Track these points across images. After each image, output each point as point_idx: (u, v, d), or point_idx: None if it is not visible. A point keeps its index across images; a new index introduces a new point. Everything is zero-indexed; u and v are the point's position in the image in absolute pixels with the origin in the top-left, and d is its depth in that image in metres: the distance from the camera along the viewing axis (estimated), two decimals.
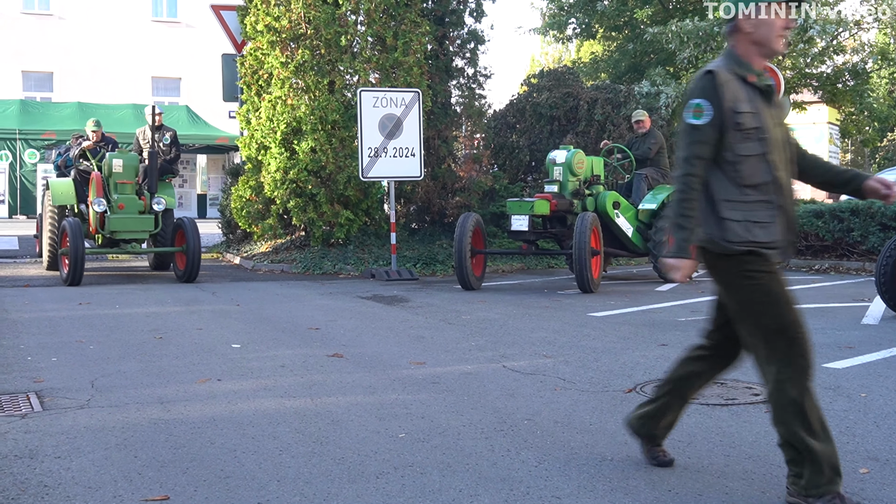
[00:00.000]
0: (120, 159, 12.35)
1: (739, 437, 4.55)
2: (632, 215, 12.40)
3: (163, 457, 4.19)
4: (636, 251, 12.72)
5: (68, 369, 6.16)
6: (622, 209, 12.27)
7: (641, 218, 12.44)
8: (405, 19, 14.21)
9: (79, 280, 11.30)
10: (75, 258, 11.17)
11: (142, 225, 12.22)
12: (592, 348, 7.14)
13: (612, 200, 12.14)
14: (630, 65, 23.17)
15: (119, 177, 12.28)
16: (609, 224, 12.18)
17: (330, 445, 4.39)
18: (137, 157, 12.67)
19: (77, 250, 11.16)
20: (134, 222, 12.15)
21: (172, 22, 34.88)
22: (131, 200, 12.21)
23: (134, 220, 12.14)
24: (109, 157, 12.38)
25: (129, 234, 12.18)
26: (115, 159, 12.32)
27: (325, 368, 6.28)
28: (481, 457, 4.23)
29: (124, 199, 12.17)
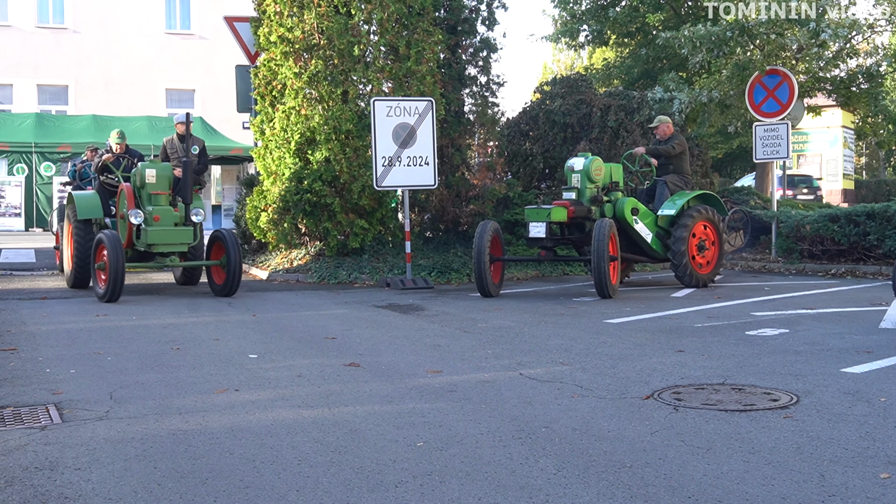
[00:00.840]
0: (153, 169, 11.77)
1: (759, 442, 4.53)
2: (651, 221, 12.41)
3: (182, 468, 4.20)
4: (656, 257, 12.73)
5: (87, 381, 6.19)
6: (641, 215, 12.28)
7: (661, 224, 12.46)
8: (418, 28, 14.24)
9: (118, 296, 10.76)
10: (115, 273, 10.59)
11: (180, 237, 11.65)
12: (609, 355, 7.12)
13: (631, 206, 12.16)
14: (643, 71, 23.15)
15: (153, 187, 11.72)
16: (628, 230, 12.22)
17: (348, 455, 4.39)
18: (171, 167, 12.11)
19: (118, 265, 10.59)
20: (172, 234, 11.59)
21: (186, 34, 35.05)
22: (166, 212, 11.65)
23: (172, 232, 11.58)
24: (142, 168, 11.80)
25: (168, 246, 11.60)
26: (147, 169, 11.73)
27: (342, 378, 6.29)
28: (500, 465, 4.22)
29: (159, 210, 11.60)
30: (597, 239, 10.90)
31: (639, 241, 12.41)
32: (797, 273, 14.63)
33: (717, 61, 17.37)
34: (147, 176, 11.69)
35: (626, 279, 13.69)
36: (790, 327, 8.43)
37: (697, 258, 12.45)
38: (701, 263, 12.52)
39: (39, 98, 33.44)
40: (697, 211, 12.41)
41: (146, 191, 11.71)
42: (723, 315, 9.43)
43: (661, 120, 13.34)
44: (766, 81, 16.14)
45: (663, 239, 12.46)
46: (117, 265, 10.60)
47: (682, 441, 4.57)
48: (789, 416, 5.05)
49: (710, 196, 13.10)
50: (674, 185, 12.76)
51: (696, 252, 12.43)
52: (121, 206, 11.99)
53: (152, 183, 11.71)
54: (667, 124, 13.25)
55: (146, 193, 11.72)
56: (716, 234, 12.67)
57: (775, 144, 16.18)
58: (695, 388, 5.81)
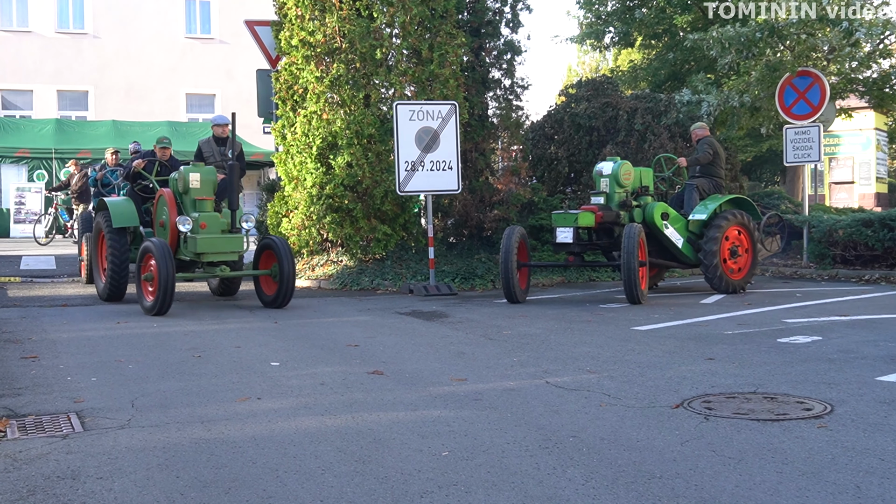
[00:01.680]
0: (197, 173, 11.16)
1: (792, 453, 4.49)
2: (682, 226, 12.39)
3: (205, 477, 4.21)
4: (687, 262, 12.70)
5: (108, 389, 6.22)
6: (671, 220, 12.26)
7: (692, 228, 12.42)
8: (441, 31, 14.26)
9: (167, 308, 10.19)
10: (166, 284, 9.99)
11: (230, 245, 11.01)
12: (637, 363, 7.09)
13: (661, 211, 12.15)
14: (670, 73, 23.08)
15: (197, 192, 11.12)
16: (658, 235, 12.22)
17: (372, 464, 4.39)
18: (215, 171, 11.50)
19: (168, 275, 9.98)
20: (222, 242, 10.93)
21: (206, 38, 35.25)
22: (213, 218, 11.03)
23: (221, 240, 10.93)
24: (185, 171, 11.18)
25: (218, 255, 10.94)
26: (191, 174, 11.12)
27: (366, 386, 6.29)
28: (527, 475, 4.21)
29: (206, 217, 10.98)
30: (626, 244, 10.93)
31: (669, 247, 12.38)
32: (829, 279, 14.53)
33: (746, 63, 17.29)
34: (191, 180, 11.10)
35: (657, 286, 13.65)
36: (823, 334, 8.37)
37: (730, 263, 12.39)
38: (733, 269, 12.44)
39: (59, 104, 33.72)
40: (731, 215, 12.35)
41: (189, 196, 11.16)
42: (754, 322, 9.38)
43: (695, 126, 13.42)
44: (796, 83, 16.04)
45: (694, 244, 12.41)
46: (167, 276, 9.99)
47: (713, 451, 4.54)
48: (823, 425, 5.01)
49: (742, 200, 13.04)
50: (704, 188, 12.72)
51: (728, 257, 12.36)
52: (159, 212, 11.50)
53: (196, 188, 11.14)
54: (698, 129, 13.27)
55: (189, 199, 11.17)
56: (749, 239, 12.59)
57: (806, 148, 16.07)
58: (726, 397, 5.78)
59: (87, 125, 30.75)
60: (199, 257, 10.89)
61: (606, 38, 24.01)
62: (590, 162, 16.94)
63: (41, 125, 29.76)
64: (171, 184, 11.47)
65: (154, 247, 10.21)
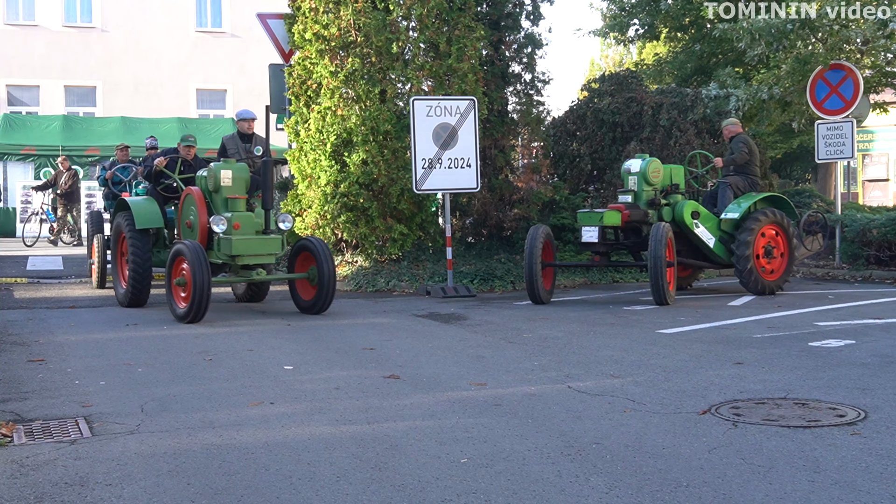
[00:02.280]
0: (229, 170, 10.74)
1: (824, 461, 4.48)
2: (713, 225, 12.38)
3: (216, 484, 4.23)
4: (720, 262, 12.67)
5: (117, 393, 6.26)
6: (702, 219, 12.24)
7: (724, 228, 12.40)
8: (459, 24, 14.27)
9: (202, 315, 9.82)
10: (201, 290, 9.58)
11: (268, 247, 10.56)
12: (663, 367, 7.07)
13: (691, 210, 12.14)
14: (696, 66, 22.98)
15: (229, 191, 10.70)
16: (688, 235, 12.22)
17: (389, 472, 4.40)
18: (248, 168, 11.08)
19: (203, 280, 9.57)
20: (259, 244, 10.50)
21: (217, 32, 35.37)
22: (247, 218, 10.58)
23: (258, 241, 10.50)
24: (215, 169, 10.77)
25: (255, 258, 10.52)
26: (222, 171, 10.71)
27: (382, 391, 6.31)
28: (548, 483, 4.21)
29: (240, 217, 10.53)
30: (653, 243, 10.97)
31: (700, 247, 12.38)
32: (863, 280, 14.45)
33: (776, 55, 17.20)
34: (222, 178, 10.70)
35: (690, 286, 13.66)
36: (856, 338, 8.33)
37: (764, 263, 12.34)
38: (768, 269, 12.39)
39: (67, 99, 33.90)
40: (764, 214, 12.30)
41: (221, 195, 10.74)
42: (784, 325, 9.34)
43: (727, 122, 13.39)
44: (828, 77, 15.95)
45: (727, 243, 12.38)
46: (203, 281, 9.57)
47: (742, 459, 4.53)
48: (857, 432, 4.99)
49: (779, 199, 12.97)
50: (738, 186, 12.69)
51: (762, 257, 12.32)
52: (185, 213, 11.07)
53: (228, 186, 10.72)
54: (730, 125, 13.24)
55: (221, 198, 10.75)
56: (785, 238, 12.52)
57: (839, 144, 15.99)
58: (755, 403, 5.76)
59: (94, 122, 30.88)
60: (233, 260, 10.46)
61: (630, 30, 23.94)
62: (613, 159, 16.92)
63: (48, 122, 29.91)
64: (200, 182, 11.16)
65: (187, 249, 9.79)
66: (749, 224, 12.17)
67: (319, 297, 10.58)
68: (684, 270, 13.45)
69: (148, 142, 15.86)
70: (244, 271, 10.68)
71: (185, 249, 9.80)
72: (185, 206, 11.10)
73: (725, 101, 16.71)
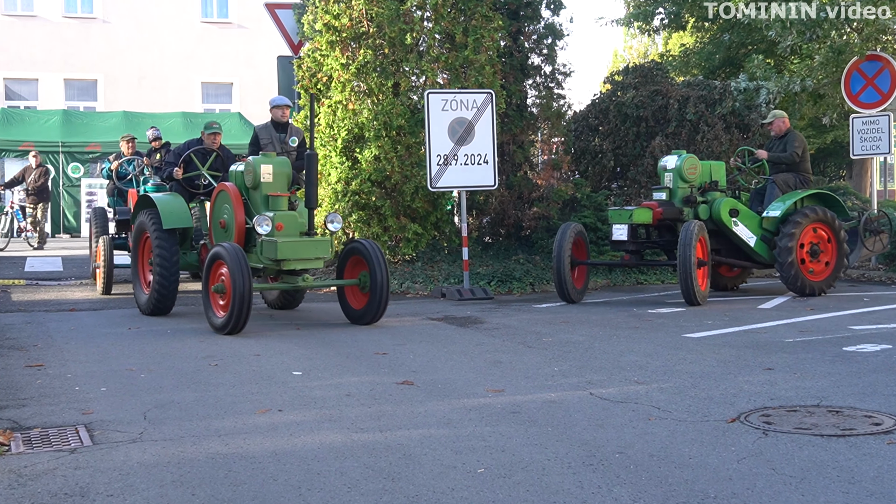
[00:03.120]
0: (269, 164, 10.11)
1: (860, 471, 4.46)
2: (755, 223, 12.40)
3: (222, 495, 4.24)
4: (762, 262, 12.69)
5: (119, 400, 6.28)
6: (742, 217, 12.29)
7: (766, 226, 12.41)
8: (476, 14, 14.27)
9: (243, 325, 9.25)
10: (242, 297, 8.96)
11: (315, 250, 9.82)
12: (689, 373, 7.06)
13: (729, 208, 12.20)
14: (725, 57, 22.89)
15: (270, 187, 10.09)
16: (727, 233, 12.24)
17: (402, 482, 4.41)
18: (289, 162, 10.50)
19: (244, 286, 8.95)
20: (307, 247, 9.77)
21: (223, 23, 35.50)
22: (290, 218, 9.91)
23: (307, 244, 9.78)
24: (256, 163, 10.10)
25: (301, 262, 9.79)
26: (262, 165, 10.06)
27: (395, 397, 6.31)
28: (570, 494, 4.21)
29: (282, 216, 9.86)
30: (682, 242, 11.10)
31: (741, 245, 12.42)
32: None
33: (808, 45, 17.13)
34: (262, 173, 10.05)
35: (737, 287, 13.84)
36: (893, 342, 8.29)
37: (809, 264, 12.31)
38: (814, 269, 12.35)
39: (67, 93, 34.08)
40: (811, 211, 12.28)
41: (260, 192, 10.14)
42: (817, 329, 9.31)
43: (776, 115, 13.35)
44: (864, 68, 15.88)
45: (770, 242, 12.38)
46: (244, 287, 8.95)
47: (773, 469, 4.52)
48: (893, 441, 4.97)
49: (828, 196, 12.92)
50: (785, 183, 12.67)
51: (808, 257, 12.29)
52: (217, 211, 10.45)
53: (269, 182, 10.10)
54: (782, 119, 13.23)
55: (260, 195, 10.15)
56: (833, 237, 12.47)
57: (875, 139, 15.92)
58: (786, 411, 5.74)
59: (95, 116, 31.04)
60: (278, 265, 9.75)
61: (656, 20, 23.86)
62: (637, 155, 16.89)
63: (47, 116, 30.07)
64: (234, 177, 10.57)
65: (226, 253, 9.18)
66: (793, 220, 12.14)
67: (371, 306, 10.00)
68: (731, 271, 13.48)
69: (150, 133, 15.69)
70: (288, 277, 10.00)
71: (225, 253, 9.20)
72: (218, 203, 10.45)
73: (756, 94, 16.66)
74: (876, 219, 13.92)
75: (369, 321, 10.04)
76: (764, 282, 14.67)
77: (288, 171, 10.29)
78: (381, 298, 9.91)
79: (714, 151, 15.98)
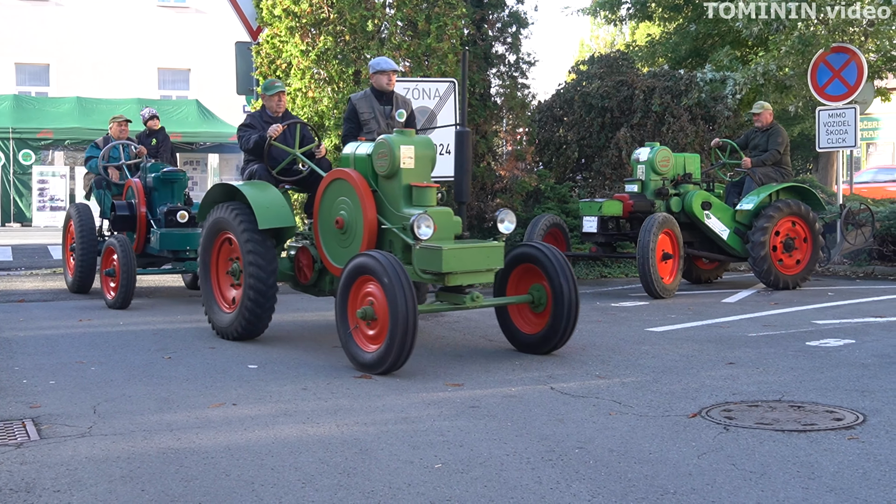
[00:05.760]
0: (410, 146, 7.80)
1: (820, 467, 4.51)
2: (728, 216, 12.54)
3: (173, 491, 4.22)
4: (735, 255, 12.78)
5: (68, 393, 6.23)
6: (715, 209, 12.40)
7: (740, 219, 12.53)
8: (439, 1, 14.23)
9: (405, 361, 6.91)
10: (406, 324, 6.66)
11: (488, 260, 7.51)
12: (651, 367, 7.10)
13: (701, 200, 12.28)
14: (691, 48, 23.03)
15: (412, 175, 7.81)
16: (700, 226, 12.32)
17: (358, 477, 4.40)
18: (433, 143, 8.16)
19: (409, 313, 6.66)
20: (476, 256, 7.42)
21: (181, 7, 35.22)
22: (444, 217, 7.62)
23: (475, 252, 7.42)
24: (392, 142, 7.71)
25: (472, 276, 7.45)
26: (402, 146, 7.72)
27: (352, 392, 6.30)
28: (528, 489, 4.22)
29: (436, 215, 7.50)
30: (642, 234, 11.22)
31: (713, 238, 12.55)
32: (865, 276, 14.54)
33: (775, 36, 17.25)
34: (402, 156, 7.73)
35: (714, 279, 13.99)
36: (856, 337, 8.38)
37: (782, 256, 12.43)
38: (788, 263, 12.47)
39: (18, 78, 33.66)
40: (785, 205, 12.38)
41: (399, 181, 7.78)
42: (780, 323, 9.39)
43: (763, 106, 13.43)
44: (831, 60, 16.00)
45: (743, 235, 12.49)
46: (407, 311, 6.67)
47: (733, 465, 4.56)
48: (854, 437, 5.03)
49: (804, 190, 13.03)
50: (766, 177, 12.78)
51: (781, 250, 12.41)
52: (332, 206, 8.14)
53: (410, 169, 7.82)
54: (770, 111, 13.35)
55: (399, 186, 7.79)
56: (808, 231, 12.59)
57: (841, 132, 16.05)
58: (748, 406, 5.79)
59: (48, 102, 30.72)
60: (441, 279, 7.36)
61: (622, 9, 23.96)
62: (602, 146, 16.95)
63: None
64: (355, 162, 8.15)
65: (379, 265, 6.85)
66: (766, 214, 12.25)
67: (554, 330, 7.63)
68: (708, 263, 13.60)
69: (146, 111, 14.14)
70: (451, 295, 7.59)
71: (377, 265, 6.86)
72: (330, 196, 8.16)
73: (722, 85, 16.77)
74: (858, 212, 14.05)
75: (550, 349, 7.75)
76: (745, 275, 14.77)
77: (432, 154, 8.04)
78: (569, 319, 7.58)
79: (679, 143, 16.06)
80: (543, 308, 7.75)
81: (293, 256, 8.89)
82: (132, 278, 10.55)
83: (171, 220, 11.43)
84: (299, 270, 8.84)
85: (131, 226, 11.69)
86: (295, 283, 8.99)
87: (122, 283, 10.50)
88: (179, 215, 11.42)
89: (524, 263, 7.97)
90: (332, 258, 8.17)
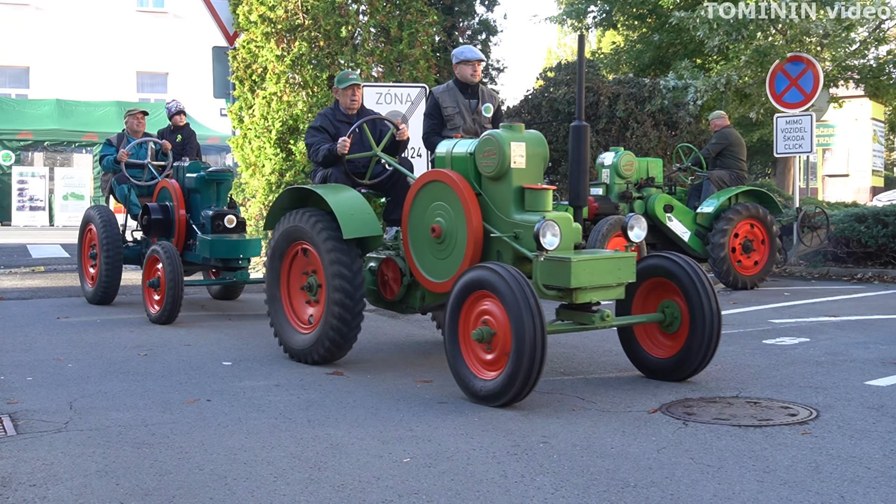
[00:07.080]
0: (521, 143, 6.60)
1: (774, 461, 4.54)
2: (689, 219, 12.67)
3: (147, 485, 4.20)
4: (696, 257, 12.84)
5: (45, 390, 6.18)
6: (676, 212, 12.51)
7: (700, 222, 12.68)
8: (411, 8, 14.24)
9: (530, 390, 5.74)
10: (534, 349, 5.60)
11: (619, 273, 6.32)
12: (615, 365, 7.13)
13: (663, 203, 12.40)
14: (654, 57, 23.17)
15: (523, 176, 6.63)
16: (662, 228, 12.41)
17: (328, 471, 4.40)
18: (544, 139, 6.92)
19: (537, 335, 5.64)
20: (606, 268, 6.28)
21: (159, 12, 35.04)
22: (565, 222, 6.40)
23: (605, 264, 6.28)
24: (501, 139, 6.50)
25: (602, 291, 6.35)
26: (513, 142, 6.52)
27: (324, 388, 6.29)
28: (493, 483, 4.23)
29: (559, 221, 6.27)
30: (592, 236, 11.29)
31: (675, 240, 12.64)
32: (820, 277, 14.65)
33: (735, 46, 17.37)
34: (513, 154, 6.53)
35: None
36: (811, 336, 8.45)
37: (741, 257, 12.53)
38: (746, 264, 12.58)
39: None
40: (745, 207, 12.50)
41: (509, 183, 6.57)
42: (738, 322, 9.45)
43: (714, 115, 13.85)
44: (788, 69, 16.13)
45: (704, 237, 12.60)
46: (535, 335, 5.63)
47: (692, 459, 4.58)
48: (808, 432, 5.07)
49: (761, 194, 13.17)
50: (720, 181, 12.93)
51: (741, 252, 12.51)
52: (426, 212, 6.96)
53: (521, 169, 6.61)
54: (718, 117, 13.73)
55: (509, 188, 6.58)
56: (765, 233, 12.70)
57: (798, 138, 16.16)
58: (706, 402, 5.83)
59: (27, 104, 30.50)
60: (570, 296, 6.31)
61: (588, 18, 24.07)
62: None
63: None
64: (453, 162, 6.97)
65: (501, 280, 5.78)
66: (726, 216, 12.39)
67: (690, 354, 6.42)
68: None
69: (173, 104, 12.40)
70: (577, 313, 6.48)
71: (498, 280, 5.79)
72: (423, 201, 7.02)
73: (684, 93, 16.86)
74: (814, 215, 14.22)
75: (686, 376, 6.53)
76: None
77: (545, 153, 6.83)
78: (710, 342, 6.35)
79: (643, 148, 16.15)
80: (677, 328, 6.57)
81: (374, 269, 7.62)
82: (179, 290, 9.18)
83: (218, 224, 10.03)
84: (384, 285, 7.53)
85: (166, 231, 10.34)
86: (377, 299, 7.69)
87: (169, 296, 9.16)
88: (227, 220, 10.03)
89: (655, 277, 6.71)
90: (426, 271, 6.94)
